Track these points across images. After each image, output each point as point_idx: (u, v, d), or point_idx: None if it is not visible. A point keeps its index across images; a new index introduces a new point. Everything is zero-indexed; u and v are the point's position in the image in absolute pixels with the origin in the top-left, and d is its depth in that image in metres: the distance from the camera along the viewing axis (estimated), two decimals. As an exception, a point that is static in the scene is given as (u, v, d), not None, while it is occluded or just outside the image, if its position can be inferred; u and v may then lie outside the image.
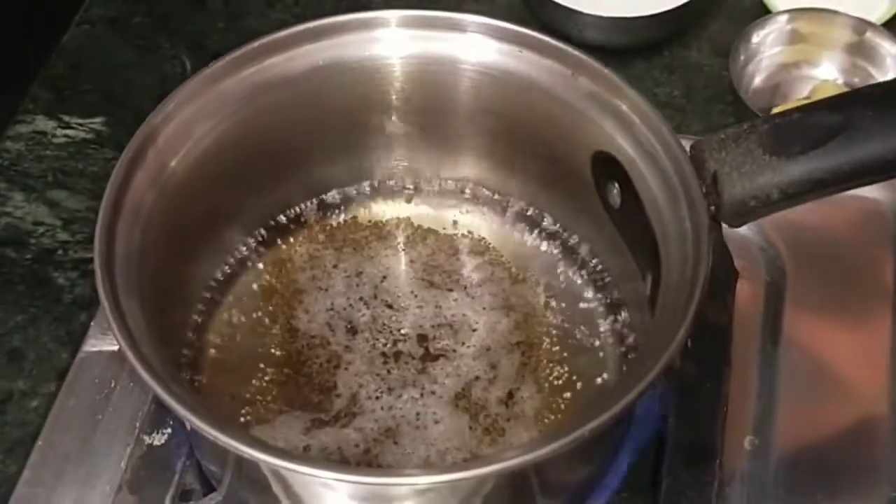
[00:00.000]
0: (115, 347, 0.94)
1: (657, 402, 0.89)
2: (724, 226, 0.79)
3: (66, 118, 1.16)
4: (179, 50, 1.23)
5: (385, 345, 0.88)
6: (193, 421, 0.67)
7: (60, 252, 1.06)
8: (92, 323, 0.97)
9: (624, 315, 0.89)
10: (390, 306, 0.90)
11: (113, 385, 0.93)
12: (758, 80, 1.16)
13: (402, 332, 0.89)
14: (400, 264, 0.92)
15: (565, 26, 1.13)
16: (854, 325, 0.96)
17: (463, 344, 0.88)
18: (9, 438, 0.94)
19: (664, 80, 1.18)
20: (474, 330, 0.89)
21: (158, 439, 0.90)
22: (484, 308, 0.90)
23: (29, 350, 0.99)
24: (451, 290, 0.91)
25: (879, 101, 0.75)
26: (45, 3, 1.23)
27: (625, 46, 1.15)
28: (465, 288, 0.91)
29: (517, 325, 0.89)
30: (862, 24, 1.14)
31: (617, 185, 0.83)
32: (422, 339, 0.88)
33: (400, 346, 0.88)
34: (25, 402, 0.96)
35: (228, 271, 0.92)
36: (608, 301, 0.91)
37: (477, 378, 0.86)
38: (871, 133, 0.73)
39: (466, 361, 0.87)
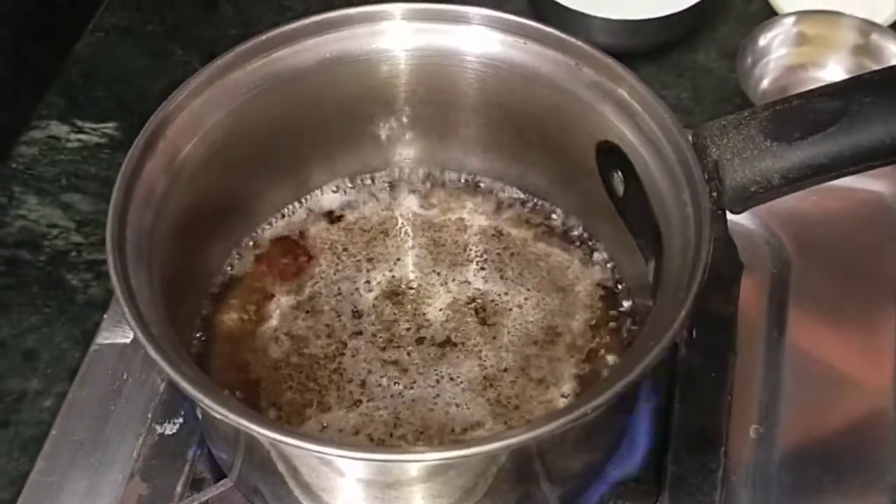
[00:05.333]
0: (128, 340, 0.96)
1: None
2: (729, 219, 0.79)
3: (80, 123, 1.17)
4: (192, 57, 1.24)
5: (408, 329, 0.88)
6: (201, 399, 0.68)
7: (74, 254, 1.07)
8: (105, 316, 0.98)
9: (632, 304, 0.90)
10: (404, 293, 0.90)
11: (125, 376, 0.95)
12: (765, 83, 1.16)
13: (427, 317, 0.89)
14: (408, 252, 0.93)
15: (573, 29, 1.13)
16: (858, 316, 0.97)
17: (483, 329, 0.88)
18: (23, 436, 0.95)
19: (672, 82, 1.19)
20: (495, 317, 0.89)
21: (170, 429, 0.91)
22: (505, 293, 0.90)
23: (43, 350, 1.00)
24: (464, 270, 0.92)
25: (878, 87, 0.75)
26: (59, 11, 1.25)
27: (632, 49, 1.15)
28: (476, 274, 0.92)
29: (535, 314, 0.89)
30: (868, 26, 1.15)
31: (620, 173, 0.84)
32: (440, 325, 0.89)
33: (423, 331, 0.88)
34: (39, 401, 0.97)
35: (238, 260, 0.92)
36: (616, 290, 0.91)
37: (506, 369, 0.86)
38: (871, 118, 0.74)
39: (488, 348, 0.87)
